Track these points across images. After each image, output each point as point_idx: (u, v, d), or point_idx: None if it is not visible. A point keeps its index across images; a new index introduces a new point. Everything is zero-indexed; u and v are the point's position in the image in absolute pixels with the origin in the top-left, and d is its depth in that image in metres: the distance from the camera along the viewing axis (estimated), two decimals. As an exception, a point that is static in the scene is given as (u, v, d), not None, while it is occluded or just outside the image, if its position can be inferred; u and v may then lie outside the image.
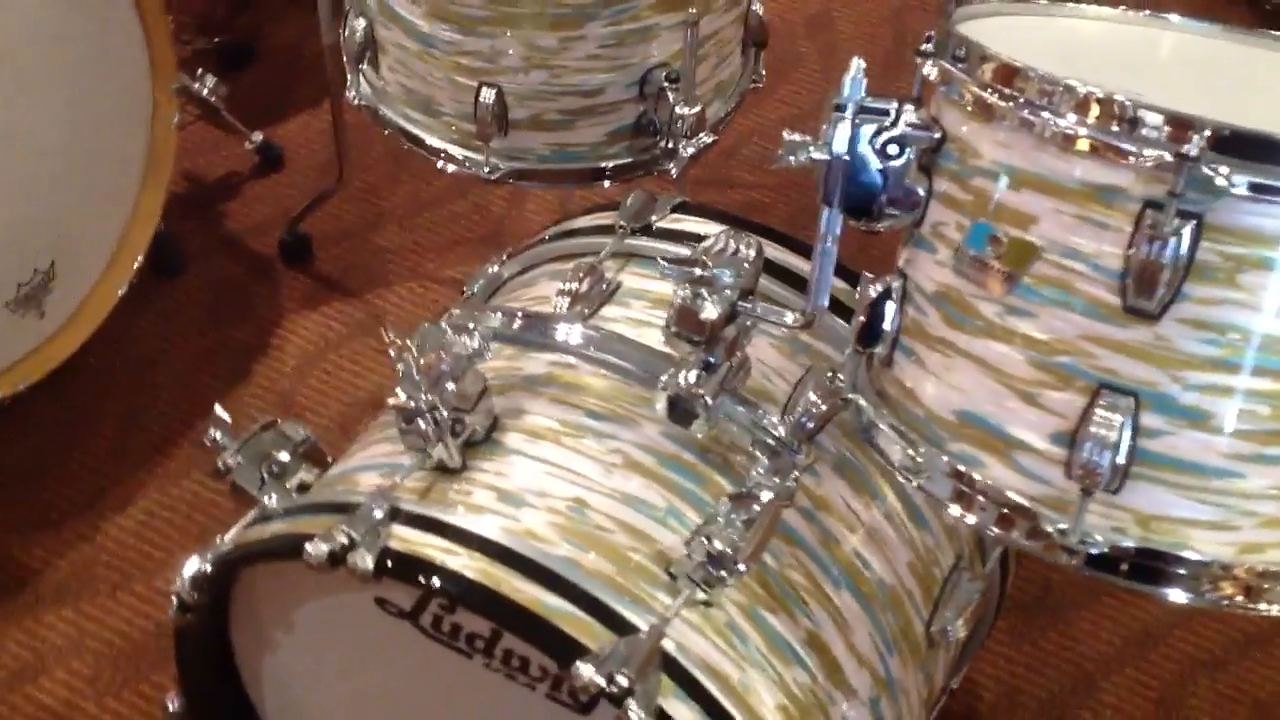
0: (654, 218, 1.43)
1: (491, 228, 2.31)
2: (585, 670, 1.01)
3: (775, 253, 1.34)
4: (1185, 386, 0.91)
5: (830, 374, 1.21)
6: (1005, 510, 0.99)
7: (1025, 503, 0.97)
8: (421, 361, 1.19)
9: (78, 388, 2.02)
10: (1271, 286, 0.88)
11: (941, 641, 1.33)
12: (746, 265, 1.13)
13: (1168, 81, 1.05)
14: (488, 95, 1.60)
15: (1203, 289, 0.89)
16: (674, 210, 1.44)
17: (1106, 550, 0.94)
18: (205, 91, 2.21)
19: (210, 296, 2.19)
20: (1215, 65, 1.12)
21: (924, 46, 1.02)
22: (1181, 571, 0.95)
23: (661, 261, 1.13)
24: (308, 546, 1.11)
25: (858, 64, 1.00)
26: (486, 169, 1.66)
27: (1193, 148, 0.85)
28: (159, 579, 1.84)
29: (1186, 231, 0.87)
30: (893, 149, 1.00)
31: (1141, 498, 0.94)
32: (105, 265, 1.98)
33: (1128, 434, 0.92)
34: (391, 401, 1.18)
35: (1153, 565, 0.95)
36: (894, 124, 1.00)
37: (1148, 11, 1.17)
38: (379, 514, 1.13)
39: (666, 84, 1.61)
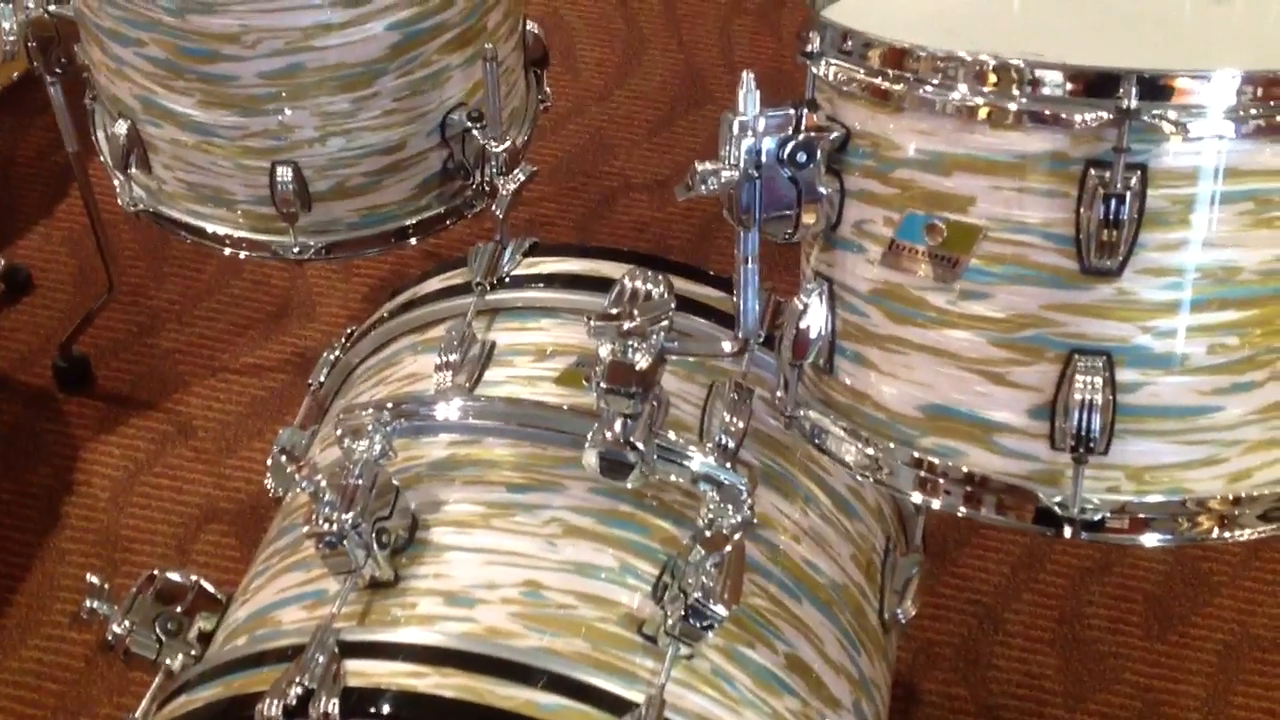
0: (507, 266, 1.36)
1: (277, 304, 2.18)
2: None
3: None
4: (1156, 335, 0.91)
5: (735, 386, 1.18)
6: (981, 492, 0.98)
7: (1017, 483, 0.96)
8: (330, 480, 1.10)
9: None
10: (1220, 217, 0.89)
11: (894, 626, 1.32)
12: (666, 303, 1.08)
13: (1052, 26, 1.04)
14: (284, 173, 1.50)
15: (1158, 235, 0.88)
16: (526, 254, 1.38)
17: (1109, 514, 0.94)
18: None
19: (-8, 447, 2.00)
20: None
21: (807, 46, 0.98)
22: (1171, 513, 0.95)
23: (589, 322, 1.07)
24: (260, 708, 1.01)
25: (749, 78, 0.96)
26: (295, 249, 1.56)
27: (1130, 101, 0.84)
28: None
29: (1135, 182, 0.86)
30: (800, 156, 0.97)
31: (1130, 452, 0.93)
32: None
33: (1109, 393, 0.91)
34: (306, 530, 1.09)
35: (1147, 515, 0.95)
36: (796, 131, 0.97)
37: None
38: (326, 653, 1.04)
39: (469, 123, 1.54)
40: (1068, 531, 0.94)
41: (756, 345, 1.17)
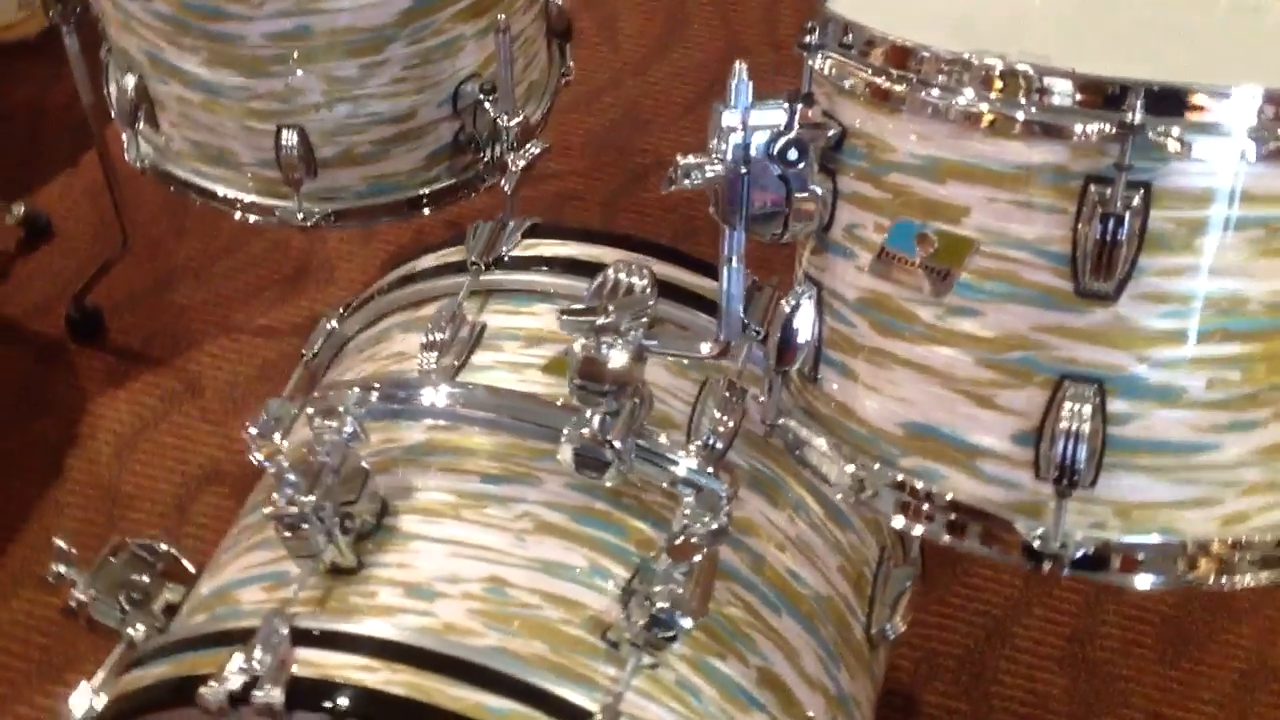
0: (505, 247, 1.32)
1: (295, 266, 2.16)
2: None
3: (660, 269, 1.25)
4: (1152, 365, 0.85)
5: (728, 384, 1.13)
6: (966, 520, 0.92)
7: (996, 511, 0.90)
8: (294, 460, 1.06)
9: None
10: (1227, 244, 0.83)
11: (881, 642, 1.27)
12: (646, 299, 1.03)
13: (1065, 26, 0.98)
14: (289, 137, 1.46)
15: (1159, 259, 0.83)
16: (526, 235, 1.33)
17: (1091, 551, 0.88)
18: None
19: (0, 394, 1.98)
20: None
21: (805, 38, 0.93)
22: (1162, 554, 0.90)
23: (562, 316, 1.03)
24: (203, 691, 0.98)
25: (740, 68, 0.91)
26: (300, 216, 1.52)
27: (1135, 114, 0.78)
28: (7, 715, 1.66)
29: (1136, 202, 0.81)
30: (792, 153, 0.91)
31: (1118, 487, 0.88)
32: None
33: (1098, 423, 0.86)
34: (268, 511, 1.05)
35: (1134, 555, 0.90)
36: (789, 126, 0.91)
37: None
38: (278, 638, 1.01)
39: (482, 95, 1.49)
40: (1046, 567, 0.88)
41: (755, 343, 1.12)
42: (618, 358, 1.01)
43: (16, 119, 2.36)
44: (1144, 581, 0.91)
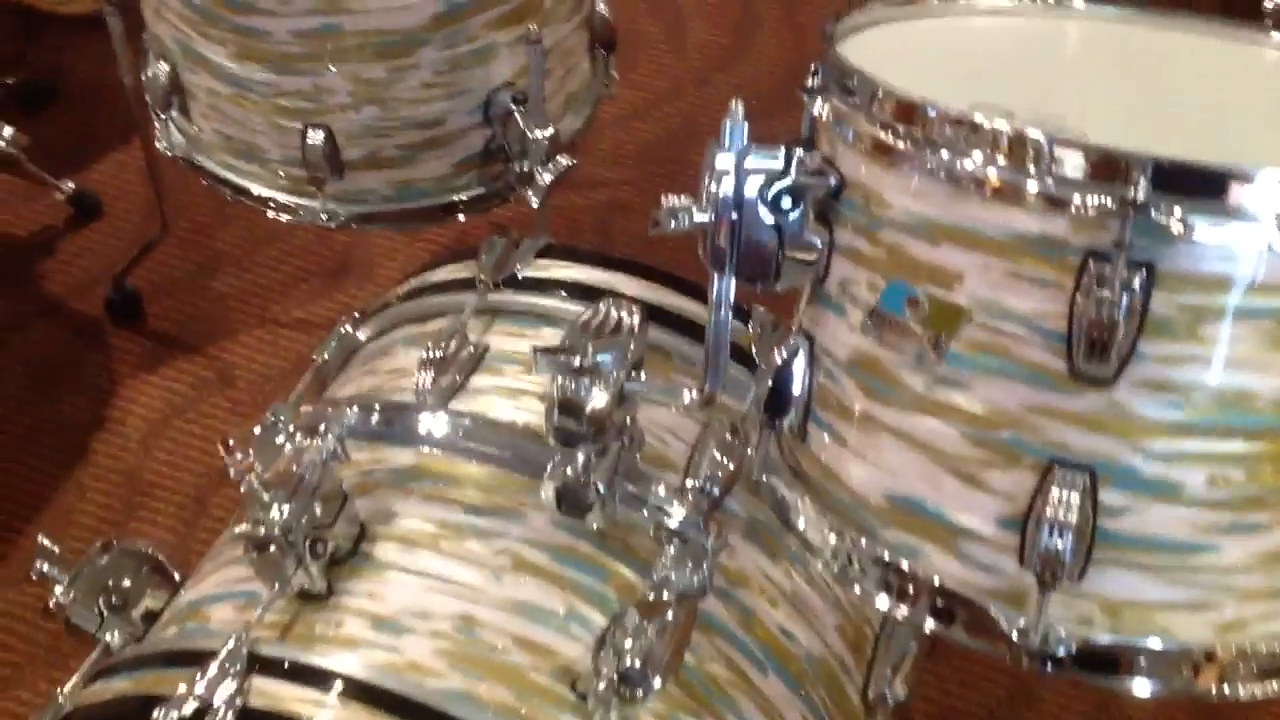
0: (518, 266, 1.28)
1: (337, 260, 2.13)
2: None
3: (667, 298, 1.21)
4: (1148, 456, 0.79)
5: (731, 428, 1.09)
6: (952, 606, 0.87)
7: (975, 596, 0.85)
8: (268, 477, 1.03)
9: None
10: (1236, 335, 0.77)
11: (880, 706, 1.21)
12: (632, 339, 0.99)
13: (1086, 85, 0.93)
14: (315, 136, 1.44)
15: (1160, 346, 0.77)
16: (540, 255, 1.29)
17: (1074, 648, 0.82)
18: (2, 144, 2.00)
19: (33, 369, 1.98)
20: (1135, 56, 1.00)
21: (809, 81, 0.88)
22: (1154, 660, 0.84)
23: (534, 354, 0.99)
24: (156, 715, 0.95)
25: (737, 107, 0.86)
26: (324, 216, 1.50)
27: (1138, 191, 0.72)
28: (9, 699, 1.65)
29: (1137, 283, 0.75)
30: (786, 201, 0.86)
31: (1108, 583, 0.82)
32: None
33: (1088, 514, 0.80)
34: (238, 530, 1.02)
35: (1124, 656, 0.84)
36: (785, 172, 0.86)
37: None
38: (236, 664, 0.97)
39: (514, 105, 1.45)
40: (1025, 663, 0.83)
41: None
42: (597, 399, 0.97)
43: (76, 94, 2.36)
44: (1141, 688, 0.85)
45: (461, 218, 1.58)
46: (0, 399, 1.95)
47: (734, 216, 0.86)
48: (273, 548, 1.01)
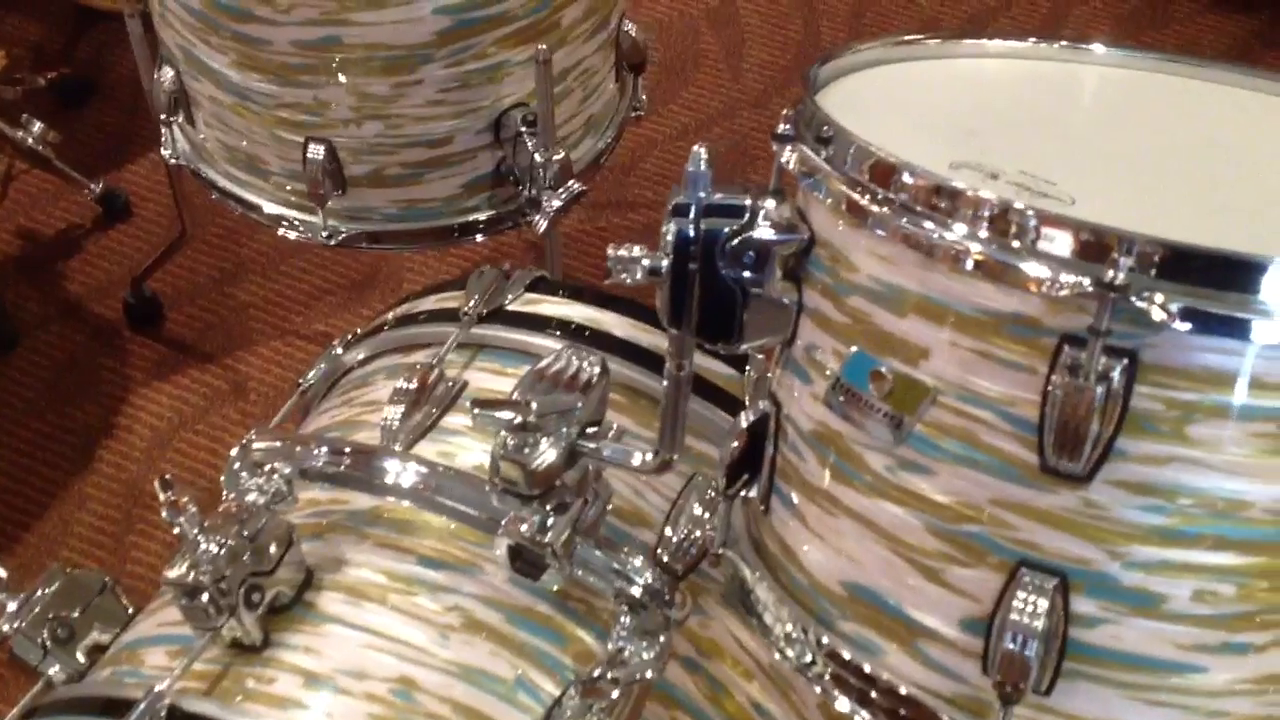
0: (508, 298, 1.21)
1: (364, 273, 2.08)
2: None
3: (661, 341, 1.13)
4: (1126, 564, 0.70)
5: (713, 482, 1.01)
6: (914, 715, 0.79)
7: (935, 705, 0.77)
8: (208, 521, 0.97)
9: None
10: (1231, 437, 0.68)
11: (863, 788, 1.13)
12: (590, 393, 0.91)
13: (1095, 139, 0.84)
14: (316, 151, 1.38)
15: (1143, 444, 0.68)
16: (529, 288, 1.22)
17: (1041, 770, 0.74)
18: (31, 140, 1.97)
19: (48, 373, 1.95)
20: (1152, 107, 0.91)
21: (782, 128, 0.80)
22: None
23: (473, 409, 0.92)
24: (65, 770, 0.89)
25: (699, 153, 0.78)
26: (325, 233, 1.44)
27: (1118, 274, 0.64)
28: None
29: (1117, 374, 0.66)
30: (748, 256, 0.79)
31: (1079, 700, 0.74)
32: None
33: (1057, 622, 0.71)
34: (169, 574, 0.96)
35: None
36: (750, 224, 0.79)
37: (1064, 42, 0.96)
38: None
39: (524, 128, 1.39)
40: (986, 783, 0.75)
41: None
42: (545, 457, 0.90)
43: (120, 92, 2.34)
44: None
45: (479, 238, 1.52)
46: (18, 401, 1.91)
47: (691, 267, 0.79)
48: (204, 595, 0.95)
